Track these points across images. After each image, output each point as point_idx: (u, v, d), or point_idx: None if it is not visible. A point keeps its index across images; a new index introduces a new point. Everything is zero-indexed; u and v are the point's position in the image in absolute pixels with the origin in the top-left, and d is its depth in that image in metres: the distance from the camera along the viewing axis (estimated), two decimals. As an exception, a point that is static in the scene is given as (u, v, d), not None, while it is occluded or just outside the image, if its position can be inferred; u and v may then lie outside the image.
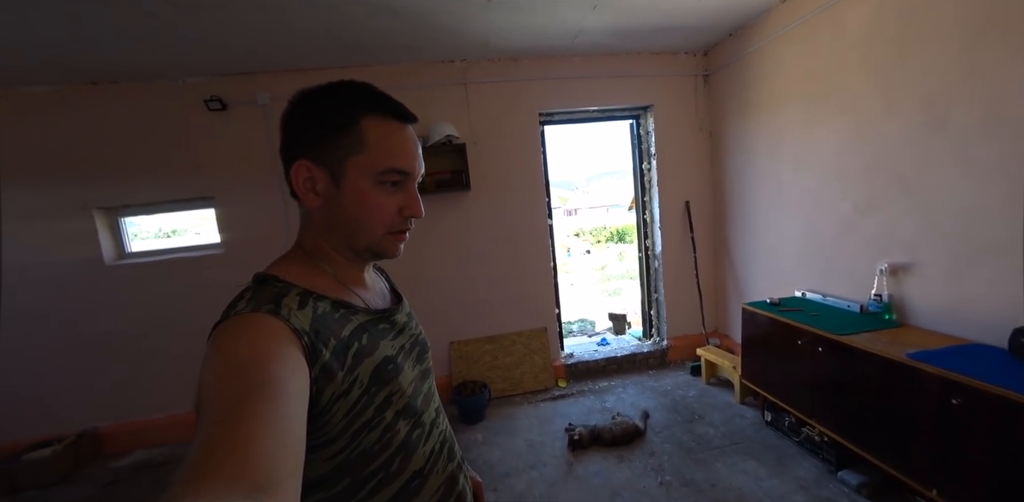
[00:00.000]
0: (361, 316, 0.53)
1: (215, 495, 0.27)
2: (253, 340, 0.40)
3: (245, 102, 2.49)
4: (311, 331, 0.44)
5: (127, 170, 2.40)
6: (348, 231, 0.53)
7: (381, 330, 0.55)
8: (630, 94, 2.87)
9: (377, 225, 0.52)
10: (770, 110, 2.39)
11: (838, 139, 2.00)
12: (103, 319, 2.40)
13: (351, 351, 0.48)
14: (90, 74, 2.29)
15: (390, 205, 0.52)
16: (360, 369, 0.48)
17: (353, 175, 0.50)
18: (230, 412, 0.33)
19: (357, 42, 2.26)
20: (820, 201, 2.15)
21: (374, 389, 0.49)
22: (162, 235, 3.75)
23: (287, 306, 0.45)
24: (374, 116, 0.51)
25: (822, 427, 1.77)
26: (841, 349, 1.65)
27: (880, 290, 1.82)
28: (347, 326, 0.50)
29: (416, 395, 0.56)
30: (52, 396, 2.38)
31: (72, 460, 2.22)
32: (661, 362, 3.00)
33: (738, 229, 2.82)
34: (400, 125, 0.53)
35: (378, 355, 0.51)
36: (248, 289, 0.48)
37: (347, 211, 0.51)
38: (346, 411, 0.46)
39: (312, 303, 0.48)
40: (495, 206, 2.78)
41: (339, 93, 0.51)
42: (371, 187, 0.51)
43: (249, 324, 0.42)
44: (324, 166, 0.50)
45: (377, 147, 0.50)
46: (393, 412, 0.51)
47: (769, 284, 2.57)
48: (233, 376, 0.36)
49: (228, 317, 0.44)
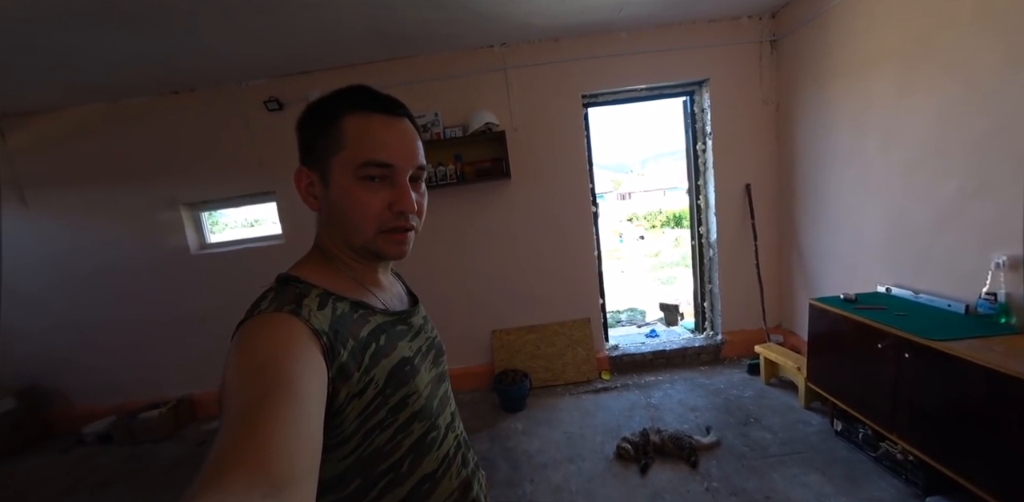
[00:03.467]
0: (379, 317, 0.53)
1: (235, 492, 0.28)
2: (274, 339, 0.41)
3: (299, 100, 2.64)
4: (330, 331, 0.45)
5: (204, 169, 2.67)
6: (344, 231, 0.53)
7: (399, 331, 0.55)
8: (682, 69, 2.63)
9: (364, 222, 0.51)
10: (854, 77, 2.05)
11: (941, 108, 1.66)
12: (191, 300, 2.76)
13: (368, 352, 0.48)
14: (172, 84, 2.57)
15: (375, 201, 0.51)
16: (376, 370, 0.48)
17: (337, 173, 0.50)
18: (251, 410, 0.34)
19: (402, 34, 2.29)
20: (914, 182, 1.82)
21: (389, 390, 0.49)
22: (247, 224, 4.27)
23: (307, 306, 0.45)
24: (354, 113, 0.51)
25: (905, 444, 1.54)
26: (936, 357, 1.41)
27: (995, 288, 1.52)
28: (365, 327, 0.50)
29: (432, 397, 0.56)
30: (158, 364, 2.81)
31: (173, 421, 2.62)
32: (714, 358, 2.80)
33: (808, 215, 2.50)
34: (386, 118, 0.52)
35: (395, 356, 0.51)
36: (271, 289, 0.49)
37: (337, 210, 0.51)
38: (359, 411, 0.46)
39: (332, 304, 0.48)
40: (537, 194, 2.72)
41: (326, 98, 0.52)
42: (354, 183, 0.50)
43: (271, 323, 0.43)
44: (316, 169, 0.51)
45: (355, 142, 0.50)
46: (408, 414, 0.51)
47: (844, 277, 2.27)
48: (254, 374, 0.37)
49: (252, 316, 0.45)
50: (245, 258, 2.74)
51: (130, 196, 2.67)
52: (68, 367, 2.80)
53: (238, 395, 0.36)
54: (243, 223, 4.29)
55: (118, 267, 2.71)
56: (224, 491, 0.28)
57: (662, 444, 1.87)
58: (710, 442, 1.90)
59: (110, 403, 2.77)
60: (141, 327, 2.77)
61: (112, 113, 2.62)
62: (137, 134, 2.63)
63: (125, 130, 2.63)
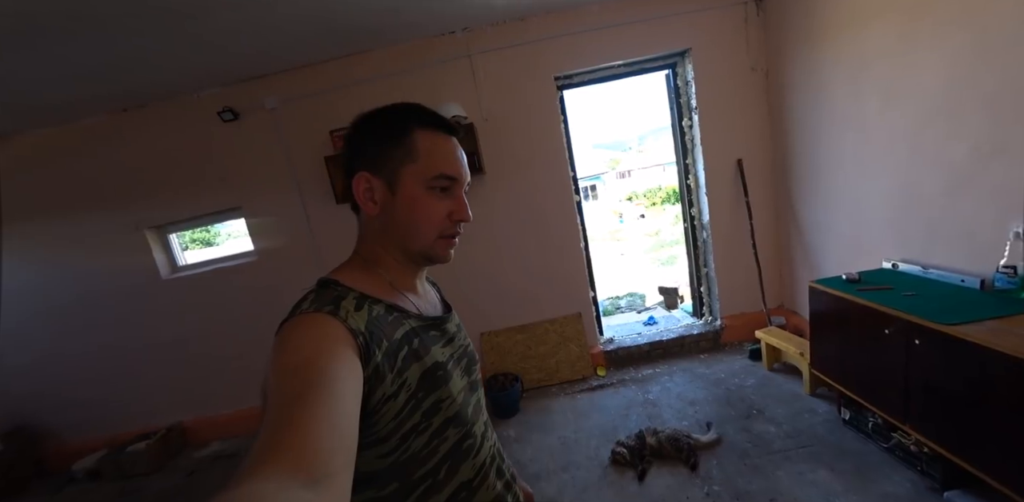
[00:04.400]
0: (413, 321, 0.55)
1: (277, 480, 0.29)
2: (314, 338, 0.43)
3: (254, 109, 2.49)
4: (366, 332, 0.47)
5: (165, 189, 2.55)
6: (403, 235, 0.56)
7: (431, 337, 0.57)
8: (661, 40, 2.42)
9: (429, 228, 0.55)
10: (849, 33, 1.85)
11: (949, 62, 1.47)
12: (171, 325, 2.67)
13: (401, 354, 0.50)
14: (120, 102, 2.43)
15: (440, 209, 0.55)
16: (408, 373, 0.50)
17: (407, 182, 0.54)
18: (291, 405, 0.36)
19: (352, 27, 2.11)
20: (921, 146, 1.64)
21: (421, 394, 0.51)
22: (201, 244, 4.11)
23: (345, 308, 0.48)
24: (424, 129, 0.55)
25: (919, 435, 1.42)
26: (949, 343, 1.27)
27: (1015, 260, 1.37)
28: (399, 329, 0.52)
29: (466, 405, 0.57)
30: (146, 393, 2.74)
31: (163, 451, 2.55)
32: (714, 345, 2.68)
33: (806, 188, 2.32)
34: (446, 136, 0.57)
35: (428, 360, 0.53)
36: (312, 291, 0.52)
37: (402, 216, 0.55)
38: (395, 414, 0.48)
39: (368, 306, 0.51)
40: (515, 187, 2.57)
41: (393, 111, 0.56)
42: (423, 192, 0.54)
43: (311, 323, 0.45)
44: (381, 176, 0.54)
45: (427, 155, 0.54)
46: (442, 419, 0.52)
47: (847, 253, 2.11)
48: (294, 372, 0.39)
49: (294, 316, 0.47)
50: (219, 279, 2.63)
51: (94, 223, 2.56)
52: (55, 403, 2.74)
53: (279, 391, 0.38)
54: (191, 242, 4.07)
55: (93, 297, 2.62)
56: (267, 480, 0.29)
57: (659, 446, 1.77)
58: (710, 440, 1.80)
59: (102, 436, 2.71)
60: (124, 356, 2.69)
61: (63, 137, 2.50)
62: (92, 157, 2.51)
63: (79, 154, 2.51)
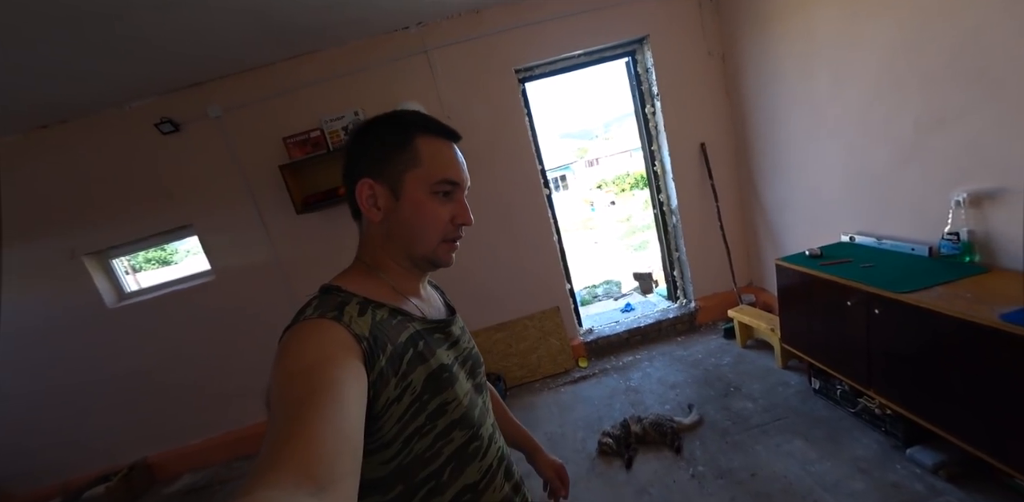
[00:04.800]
0: (417, 324, 0.55)
1: (282, 487, 0.29)
2: (318, 344, 0.43)
3: (197, 119, 2.32)
4: (370, 337, 0.47)
5: (103, 210, 2.35)
6: (408, 240, 0.56)
7: (436, 339, 0.57)
8: (619, 27, 2.39)
9: (432, 232, 0.56)
10: (797, 13, 1.87)
11: (892, 38, 1.51)
12: (123, 357, 2.46)
13: (406, 357, 0.50)
14: (37, 118, 2.21)
15: (443, 214, 0.56)
16: (414, 376, 0.50)
17: (411, 188, 0.54)
18: (296, 412, 0.36)
19: (292, 27, 1.97)
20: (870, 121, 1.69)
21: (427, 396, 0.51)
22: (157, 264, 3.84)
23: (348, 313, 0.48)
24: (426, 135, 0.56)
25: (883, 398, 1.49)
26: (906, 310, 1.32)
27: (957, 227, 1.43)
28: (403, 333, 0.52)
29: (472, 407, 0.57)
30: (103, 431, 2.52)
31: (127, 491, 2.33)
32: (690, 327, 2.74)
33: (767, 168, 2.38)
34: (448, 142, 0.57)
35: (433, 362, 0.53)
36: (315, 297, 0.52)
37: (406, 220, 0.55)
38: (398, 417, 0.48)
39: (371, 310, 0.50)
40: (481, 183, 2.49)
41: (394, 119, 0.57)
42: (427, 197, 0.55)
43: (315, 329, 0.45)
44: (385, 182, 0.55)
45: (431, 161, 0.55)
46: (448, 421, 0.52)
47: (808, 229, 2.18)
48: (299, 377, 0.39)
49: (297, 322, 0.47)
50: (173, 303, 2.45)
51: (23, 252, 2.32)
52: (-3, 454, 2.47)
53: (284, 398, 0.38)
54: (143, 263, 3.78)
55: (31, 333, 2.38)
56: (274, 488, 0.29)
57: (644, 433, 1.80)
58: (692, 421, 1.84)
59: (55, 483, 2.48)
60: (73, 394, 2.47)
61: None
62: (11, 181, 2.26)
63: (-1, 177, 2.28)
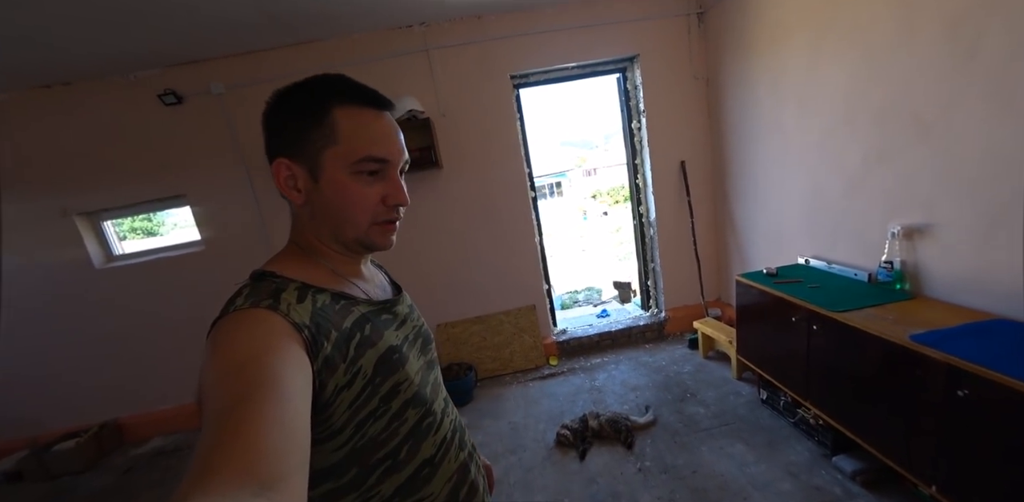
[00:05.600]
0: (363, 307, 0.53)
1: (224, 493, 0.27)
2: (253, 336, 0.40)
3: (200, 93, 2.39)
4: (311, 324, 0.44)
5: (99, 173, 2.39)
6: (334, 225, 0.52)
7: (384, 320, 0.55)
8: (612, 45, 2.54)
9: (360, 216, 0.51)
10: (772, 46, 2.03)
11: (846, 77, 1.67)
12: (104, 319, 2.52)
13: (353, 342, 0.48)
14: (40, 77, 2.24)
15: (371, 195, 0.51)
16: (363, 360, 0.48)
17: (330, 168, 0.49)
18: (234, 410, 0.33)
19: (297, 16, 2.06)
20: (825, 152, 1.85)
21: (379, 379, 0.49)
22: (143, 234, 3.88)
23: (286, 300, 0.45)
24: (346, 106, 0.49)
25: (817, 409, 1.62)
26: (838, 328, 1.46)
27: (891, 256, 1.58)
28: (348, 317, 0.50)
29: (424, 384, 0.56)
30: (75, 391, 2.57)
31: (96, 448, 2.43)
32: (659, 335, 2.87)
33: (739, 189, 2.53)
34: (375, 112, 0.51)
35: (382, 345, 0.51)
36: (246, 285, 0.48)
37: (329, 205, 0.51)
38: (349, 403, 0.46)
39: (311, 296, 0.48)
40: (471, 182, 2.62)
41: (310, 88, 0.50)
42: (349, 178, 0.50)
43: (248, 320, 0.42)
44: (302, 162, 0.49)
45: (351, 137, 0.49)
46: (401, 401, 0.51)
47: (771, 250, 2.33)
48: (235, 373, 0.36)
49: (227, 313, 0.43)
50: (161, 269, 2.51)
51: (13, 206, 2.36)
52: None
53: (220, 395, 0.35)
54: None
55: (17, 289, 2.42)
56: (212, 493, 0.27)
57: (600, 428, 1.90)
58: (647, 421, 1.95)
59: (22, 437, 2.52)
60: (51, 352, 2.52)
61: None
62: (7, 136, 2.31)
63: (-6, 131, 2.30)
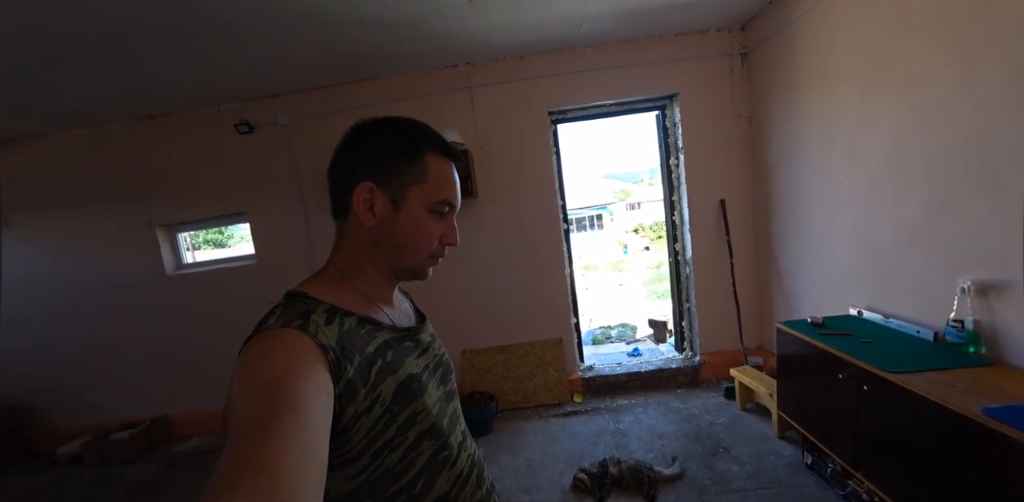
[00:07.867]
0: (386, 333, 0.55)
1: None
2: (282, 356, 0.42)
3: (268, 123, 2.68)
4: (337, 347, 0.45)
5: (179, 191, 2.73)
6: (396, 251, 0.56)
7: (406, 348, 0.56)
8: (651, 83, 2.58)
9: (423, 248, 0.57)
10: (821, 90, 1.98)
11: (900, 123, 1.59)
12: (168, 320, 2.79)
13: (375, 368, 0.49)
14: (146, 109, 2.64)
15: (436, 232, 0.57)
16: (383, 387, 0.49)
17: (413, 202, 0.55)
18: (258, 428, 0.34)
19: (360, 56, 2.31)
20: (877, 199, 1.74)
21: (397, 407, 0.49)
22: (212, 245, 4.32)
23: (315, 322, 0.46)
24: (435, 153, 0.56)
25: (870, 483, 1.44)
26: (892, 391, 1.31)
27: (962, 315, 1.42)
28: (372, 342, 0.51)
29: (442, 416, 0.56)
30: (137, 385, 2.84)
31: (146, 441, 2.63)
32: (692, 380, 2.70)
33: (784, 231, 2.41)
34: (451, 164, 0.58)
35: (402, 373, 0.52)
36: (279, 305, 0.50)
37: (401, 233, 0.55)
38: (367, 430, 0.46)
39: (339, 319, 0.49)
40: (505, 212, 2.69)
41: (406, 128, 0.56)
42: (425, 214, 0.56)
43: (278, 339, 0.44)
44: (387, 191, 0.54)
45: (436, 180, 0.56)
46: (417, 432, 0.51)
47: (820, 298, 2.17)
48: (262, 391, 0.37)
49: (259, 332, 0.45)
50: (220, 278, 2.77)
51: (109, 219, 2.73)
52: (48, 387, 2.85)
53: (245, 413, 0.36)
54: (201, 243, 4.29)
55: (98, 288, 2.76)
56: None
57: (620, 476, 1.78)
58: (672, 474, 1.81)
59: (90, 422, 2.79)
60: (120, 347, 2.80)
61: (93, 138, 2.71)
62: (116, 158, 2.71)
63: (105, 155, 2.71)
